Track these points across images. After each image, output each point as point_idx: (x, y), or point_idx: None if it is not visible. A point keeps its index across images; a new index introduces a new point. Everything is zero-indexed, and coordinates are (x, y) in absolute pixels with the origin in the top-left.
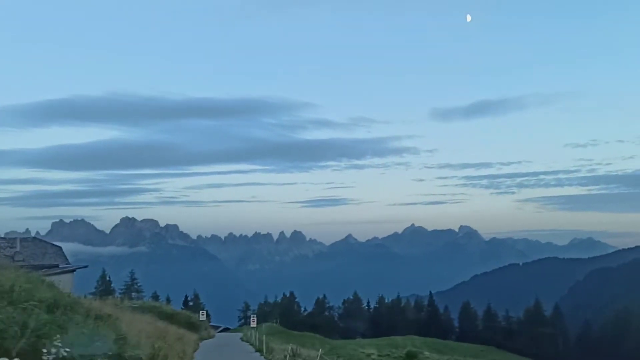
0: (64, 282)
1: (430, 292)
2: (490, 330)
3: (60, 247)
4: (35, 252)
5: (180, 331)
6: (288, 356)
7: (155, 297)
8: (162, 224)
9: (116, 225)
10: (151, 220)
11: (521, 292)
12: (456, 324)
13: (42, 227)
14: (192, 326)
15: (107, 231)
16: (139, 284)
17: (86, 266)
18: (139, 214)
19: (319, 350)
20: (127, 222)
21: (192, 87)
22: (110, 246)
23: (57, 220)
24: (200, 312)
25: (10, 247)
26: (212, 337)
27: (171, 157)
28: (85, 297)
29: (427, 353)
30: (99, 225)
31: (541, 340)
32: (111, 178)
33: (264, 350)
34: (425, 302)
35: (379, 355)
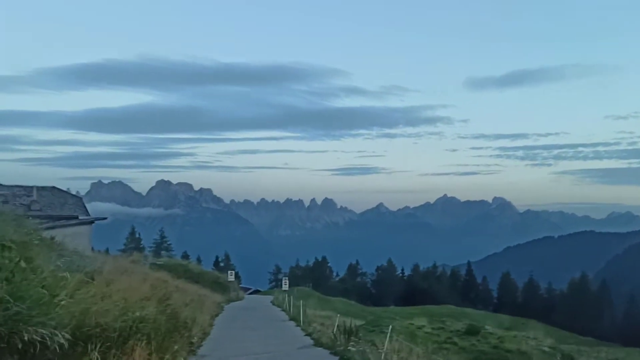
0: (82, 234)
1: (468, 261)
2: (530, 303)
3: (80, 198)
4: (53, 202)
5: (202, 292)
6: (339, 333)
7: (186, 256)
8: (196, 188)
9: (152, 188)
10: (186, 183)
11: (556, 265)
12: (494, 294)
13: (81, 188)
14: (220, 287)
15: (144, 193)
16: (168, 243)
17: (105, 218)
18: (174, 178)
19: (360, 322)
20: (163, 184)
21: (223, 52)
22: (147, 207)
23: (95, 181)
24: (229, 272)
25: (27, 196)
26: (241, 299)
27: (204, 122)
28: (106, 251)
29: (488, 327)
30: (135, 187)
31: (586, 314)
32: (146, 141)
33: (301, 320)
34: (461, 272)
35: (433, 329)
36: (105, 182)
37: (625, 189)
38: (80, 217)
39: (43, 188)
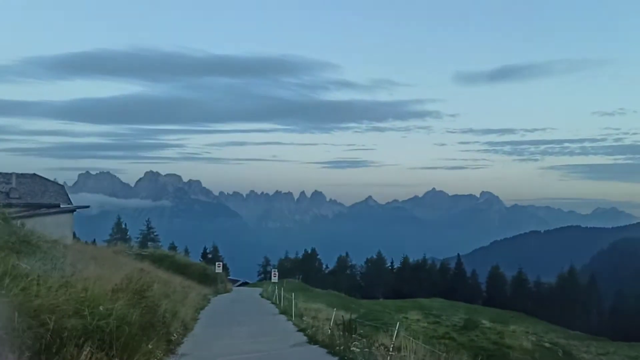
0: (63, 223)
1: (458, 254)
2: (519, 296)
3: (62, 186)
4: (33, 190)
5: (187, 283)
6: (336, 328)
7: (173, 248)
8: (185, 179)
9: (140, 179)
10: (174, 175)
11: (543, 259)
12: (483, 288)
13: (68, 178)
14: (207, 278)
15: (132, 184)
16: (155, 234)
17: (87, 207)
18: (163, 169)
19: (349, 314)
20: (152, 176)
21: (213, 44)
22: (135, 199)
23: (83, 172)
24: (217, 263)
25: (6, 183)
26: (229, 291)
27: (193, 114)
28: (93, 242)
29: (485, 322)
30: (123, 178)
31: (575, 309)
32: (135, 132)
33: (292, 314)
34: (450, 265)
35: (429, 323)
36: (93, 173)
37: (610, 184)
38: (61, 206)
39: (23, 175)
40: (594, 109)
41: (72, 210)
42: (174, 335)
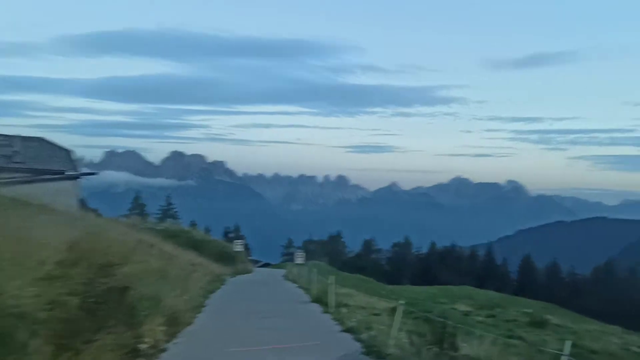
0: (66, 191)
1: (489, 242)
2: (552, 287)
3: (70, 151)
4: (39, 154)
5: (199, 260)
6: (409, 337)
7: (193, 225)
8: (209, 160)
9: (166, 158)
10: (199, 155)
11: (568, 249)
12: (513, 277)
13: (94, 156)
14: (226, 257)
15: (157, 163)
16: (175, 210)
17: (94, 173)
18: (188, 149)
19: (389, 303)
20: (176, 155)
21: (240, 25)
22: (160, 178)
23: (109, 150)
24: (237, 242)
25: (9, 146)
26: (249, 272)
27: (219, 95)
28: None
29: (550, 317)
30: (149, 157)
31: (612, 301)
32: (161, 112)
33: (331, 304)
34: (479, 252)
35: (486, 317)
36: (119, 151)
37: (639, 176)
38: (66, 173)
39: (29, 139)
40: (626, 98)
41: (76, 177)
42: (146, 340)
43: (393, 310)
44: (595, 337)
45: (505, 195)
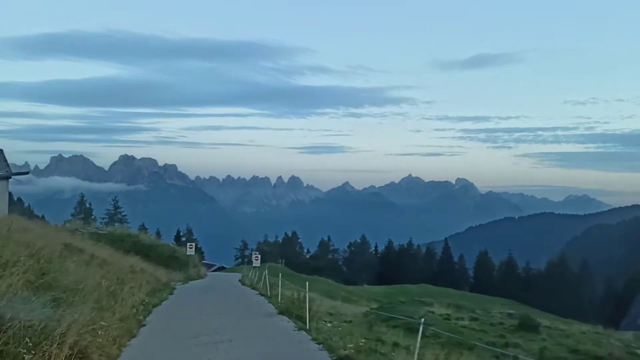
0: None
1: (445, 238)
2: (507, 282)
3: (1, 150)
4: None
5: (143, 266)
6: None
7: (143, 229)
8: (160, 164)
9: (115, 163)
10: (150, 159)
11: (516, 245)
12: (470, 273)
13: (41, 162)
14: (177, 262)
15: (106, 168)
16: (123, 214)
17: (27, 172)
18: (138, 153)
19: (360, 307)
20: (126, 159)
21: (189, 27)
22: (109, 183)
23: (56, 155)
24: (189, 244)
25: None
26: (202, 277)
27: (168, 97)
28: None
29: (540, 320)
30: (97, 161)
31: (565, 296)
32: (109, 115)
33: (307, 318)
34: (436, 250)
35: (471, 320)
36: (66, 156)
37: (581, 172)
38: None
39: None
40: (567, 97)
41: (6, 177)
42: None
43: (365, 315)
44: (594, 340)
45: (456, 193)
